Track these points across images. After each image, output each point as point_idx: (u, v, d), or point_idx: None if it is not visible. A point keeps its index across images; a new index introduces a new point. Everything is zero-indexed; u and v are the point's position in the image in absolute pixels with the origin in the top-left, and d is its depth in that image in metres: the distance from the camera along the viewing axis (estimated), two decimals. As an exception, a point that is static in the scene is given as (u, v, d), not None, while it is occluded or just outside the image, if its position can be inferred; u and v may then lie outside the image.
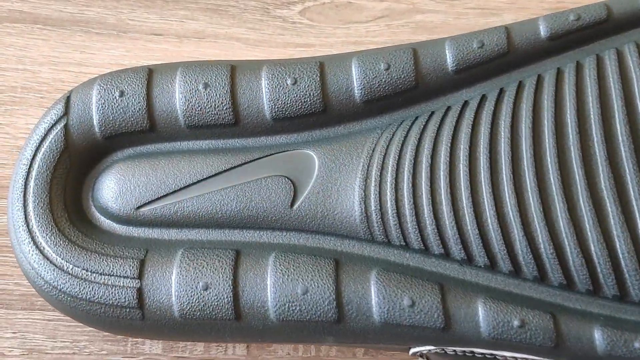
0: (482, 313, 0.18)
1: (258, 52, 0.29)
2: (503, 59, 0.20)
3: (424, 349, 0.20)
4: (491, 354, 0.19)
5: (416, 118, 0.21)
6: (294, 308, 0.19)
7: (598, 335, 0.18)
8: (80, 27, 0.28)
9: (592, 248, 0.18)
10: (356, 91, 0.21)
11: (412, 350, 0.20)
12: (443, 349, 0.19)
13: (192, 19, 0.29)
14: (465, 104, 0.20)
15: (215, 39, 0.28)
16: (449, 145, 0.20)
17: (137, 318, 0.20)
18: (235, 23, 0.29)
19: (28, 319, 0.24)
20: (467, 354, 0.19)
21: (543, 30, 0.20)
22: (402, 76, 0.21)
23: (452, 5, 0.31)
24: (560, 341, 0.18)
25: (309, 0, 0.30)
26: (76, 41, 0.27)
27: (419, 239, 0.19)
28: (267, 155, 0.21)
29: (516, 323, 0.18)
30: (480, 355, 0.19)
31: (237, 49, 0.29)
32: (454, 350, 0.19)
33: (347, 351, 0.25)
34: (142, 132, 0.22)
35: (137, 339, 0.24)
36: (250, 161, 0.21)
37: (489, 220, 0.19)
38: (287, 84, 0.21)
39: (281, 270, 0.19)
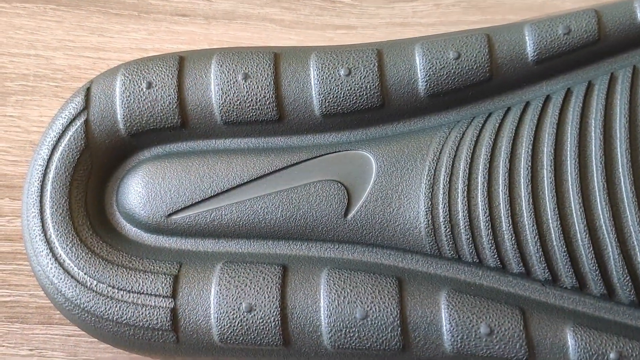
0: (572, 343, 0.16)
1: (294, 34, 0.26)
2: (593, 47, 0.18)
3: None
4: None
5: (489, 115, 0.18)
6: (352, 334, 0.17)
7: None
8: (97, 8, 0.25)
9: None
10: (420, 83, 0.18)
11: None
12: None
13: (221, -2, 0.26)
14: (548, 98, 0.18)
15: (247, 20, 0.26)
16: (530, 147, 0.17)
17: (171, 341, 0.18)
18: (269, 2, 0.26)
19: (46, 334, 0.21)
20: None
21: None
22: (475, 66, 0.18)
23: (505, -18, 0.28)
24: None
25: (349, -23, 0.27)
26: (93, 23, 0.25)
27: (495, 255, 0.17)
28: (316, 157, 0.19)
29: (612, 356, 0.16)
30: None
31: (271, 31, 0.26)
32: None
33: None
34: (173, 128, 0.19)
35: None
36: (297, 163, 0.19)
37: (578, 235, 0.16)
38: (340, 75, 0.18)
39: (336, 290, 0.17)
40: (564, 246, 0.16)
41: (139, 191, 0.19)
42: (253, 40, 0.26)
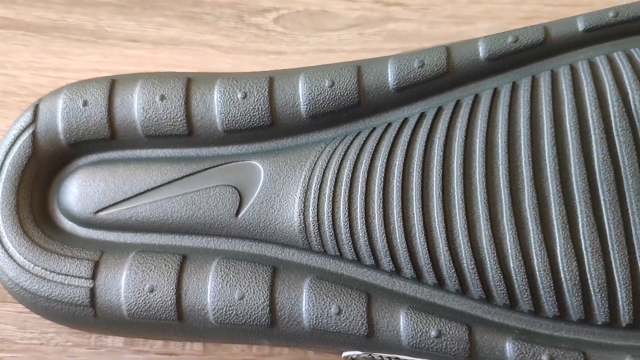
0: (403, 322, 0.19)
1: (230, 59, 0.30)
2: (442, 78, 0.21)
3: (354, 353, 0.21)
4: (417, 362, 0.20)
5: (358, 133, 0.22)
6: (230, 312, 0.20)
7: (509, 348, 0.19)
8: (60, 34, 0.29)
9: (511, 265, 0.19)
10: (302, 106, 0.22)
11: (344, 354, 0.21)
12: (370, 354, 0.20)
13: (169, 26, 0.30)
14: (405, 121, 0.21)
15: (190, 46, 0.30)
16: (385, 161, 0.21)
17: (90, 316, 0.21)
18: (210, 30, 0.30)
19: (0, 310, 0.25)
20: (392, 359, 0.20)
21: (482, 52, 0.21)
22: (346, 93, 0.21)
23: (425, 14, 0.32)
24: (473, 352, 0.19)
25: (283, 9, 0.31)
26: (56, 47, 0.29)
27: (352, 250, 0.21)
28: (217, 165, 0.22)
29: (433, 333, 0.19)
30: (406, 362, 0.20)
31: (210, 56, 0.30)
32: (381, 356, 0.20)
33: (299, 350, 0.26)
34: (104, 140, 0.23)
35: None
36: (202, 170, 0.22)
37: (417, 235, 0.20)
38: (238, 98, 0.22)
39: (221, 276, 0.21)
40: (406, 243, 0.20)
41: (74, 192, 0.23)
42: (194, 64, 0.29)
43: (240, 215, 0.22)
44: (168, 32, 0.30)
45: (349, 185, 0.21)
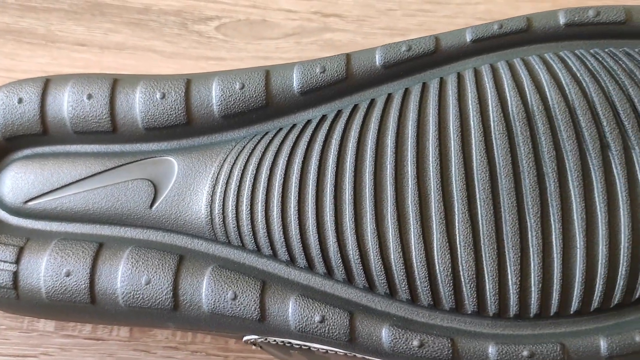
0: (292, 308, 0.21)
1: (172, 63, 0.31)
2: (342, 83, 0.23)
3: (252, 337, 0.22)
4: (306, 345, 0.21)
5: (266, 133, 0.23)
6: (137, 296, 0.22)
7: (385, 333, 0.20)
8: (12, 37, 0.31)
9: (392, 257, 0.21)
10: (215, 107, 0.23)
11: (245, 338, 0.22)
12: (266, 339, 0.22)
13: (116, 32, 0.32)
14: (308, 122, 0.23)
15: (135, 51, 0.31)
16: (287, 159, 0.22)
17: (13, 297, 0.23)
18: (155, 36, 0.32)
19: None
20: (286, 344, 0.22)
21: (378, 59, 0.22)
22: (254, 95, 0.23)
23: (361, 25, 0.33)
24: (353, 337, 0.20)
25: (225, 17, 0.33)
26: (7, 49, 0.31)
27: (253, 241, 0.22)
28: (137, 160, 0.24)
29: (317, 318, 0.21)
30: (297, 346, 0.22)
31: (154, 60, 0.31)
32: (275, 340, 0.22)
33: (220, 339, 0.27)
34: (36, 135, 0.25)
35: (34, 318, 0.27)
36: (122, 165, 0.24)
37: (310, 228, 0.21)
38: (157, 98, 0.24)
39: (131, 263, 0.22)
40: (300, 236, 0.21)
41: (7, 183, 0.25)
42: (138, 68, 0.31)
43: (154, 207, 0.23)
44: (115, 37, 0.31)
45: (252, 181, 0.22)
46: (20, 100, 0.25)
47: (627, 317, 0.20)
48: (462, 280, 0.20)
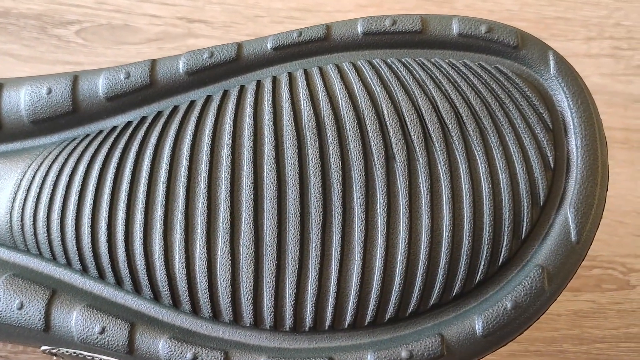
0: (75, 319, 0.20)
1: (28, 67, 0.31)
2: (147, 90, 0.22)
3: (46, 348, 0.22)
4: (93, 356, 0.21)
5: (73, 139, 0.23)
6: None
7: (162, 345, 0.20)
8: None
9: (176, 267, 0.20)
10: (24, 112, 0.23)
11: (42, 348, 0.22)
12: (60, 349, 0.21)
13: (-29, 34, 0.31)
14: (113, 129, 0.22)
15: (-11, 54, 0.31)
16: (86, 167, 0.22)
17: None
18: (12, 40, 0.31)
19: None
20: (79, 355, 0.21)
21: (182, 66, 0.22)
22: (61, 100, 0.23)
23: (227, 31, 0.33)
24: (132, 348, 0.20)
25: (86, 21, 0.32)
26: None
27: (48, 249, 0.22)
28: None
29: (97, 329, 0.20)
30: (89, 357, 0.21)
31: (10, 64, 0.31)
32: (68, 351, 0.21)
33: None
34: None
35: None
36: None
37: (101, 237, 0.21)
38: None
39: None
40: (91, 245, 0.21)
41: None
42: (-8, 71, 0.31)
43: (-42, 213, 0.23)
44: (-30, 40, 0.31)
45: (52, 188, 0.22)
46: None
47: (401, 332, 0.19)
48: (242, 292, 0.20)
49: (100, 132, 0.23)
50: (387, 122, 0.20)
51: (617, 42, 0.34)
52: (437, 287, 0.19)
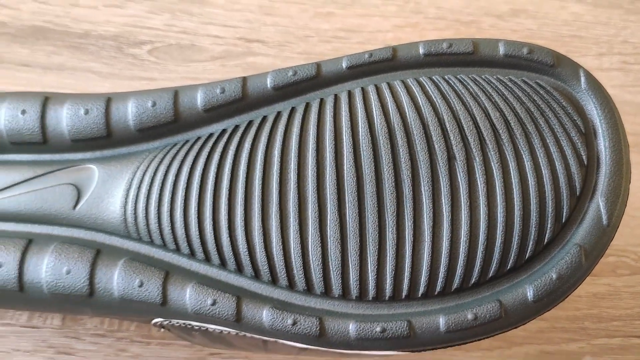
0: (189, 294, 0.24)
1: (108, 83, 0.35)
2: (239, 102, 0.26)
3: (158, 320, 0.26)
4: (203, 326, 0.25)
5: (174, 145, 0.27)
6: (59, 284, 0.25)
7: (266, 314, 0.24)
8: (-37, 58, 0.34)
9: (274, 249, 0.24)
10: (131, 122, 0.27)
11: (153, 321, 0.26)
12: (170, 321, 0.25)
13: (57, 54, 0.35)
14: (210, 136, 0.26)
15: (74, 71, 0.35)
16: (190, 167, 0.26)
17: None
18: (93, 58, 0.35)
19: None
20: (187, 326, 0.25)
21: (269, 82, 0.26)
22: (164, 112, 0.27)
23: (282, 50, 0.37)
24: (239, 317, 0.24)
25: (157, 42, 0.36)
26: (-43, 69, 0.34)
27: (159, 237, 0.26)
28: (63, 168, 0.27)
29: (209, 301, 0.24)
30: (197, 327, 0.25)
31: (91, 80, 0.35)
32: (178, 322, 0.25)
33: (143, 326, 0.31)
34: None
35: (-25, 308, 0.30)
36: (51, 172, 0.27)
37: (207, 225, 0.25)
38: (81, 114, 0.27)
39: (55, 256, 0.26)
40: (198, 232, 0.25)
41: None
42: (77, 87, 0.35)
43: (76, 209, 0.27)
44: (56, 59, 0.35)
45: (160, 186, 0.26)
46: None
47: (464, 300, 0.24)
48: (331, 268, 0.24)
49: (199, 138, 0.27)
50: (448, 128, 0.24)
51: (625, 57, 0.38)
52: (494, 263, 0.23)
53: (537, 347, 0.33)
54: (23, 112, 0.28)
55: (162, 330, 0.27)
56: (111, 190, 0.27)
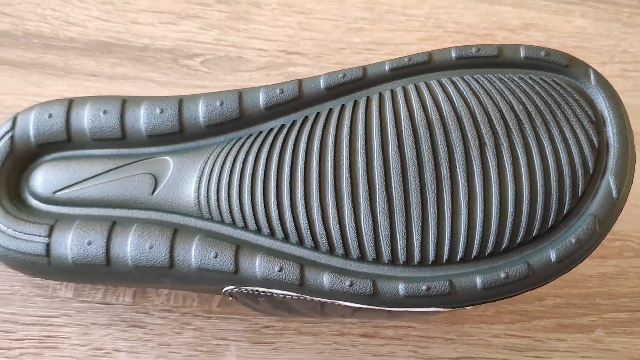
0: (259, 262, 0.28)
1: (166, 90, 0.39)
2: (296, 101, 0.31)
3: (229, 287, 0.29)
4: (269, 292, 0.29)
5: (240, 138, 0.31)
6: (143, 258, 0.29)
7: (326, 278, 0.28)
8: (37, 69, 0.39)
9: (331, 224, 0.28)
10: (201, 119, 0.31)
11: (224, 289, 0.30)
12: (240, 288, 0.29)
13: (121, 65, 0.39)
14: (270, 130, 0.31)
15: (136, 81, 0.39)
16: (254, 157, 0.30)
17: (45, 264, 0.30)
18: (152, 69, 0.40)
19: (-19, 269, 0.34)
20: (254, 292, 0.29)
21: (322, 83, 0.30)
22: (230, 110, 0.31)
23: (319, 60, 0.41)
24: (303, 282, 0.28)
25: (208, 54, 0.41)
26: (33, 79, 0.38)
27: (229, 216, 0.30)
28: (141, 160, 0.32)
29: (277, 269, 0.28)
30: (263, 293, 0.29)
31: (152, 88, 0.39)
32: (247, 289, 0.29)
33: (205, 302, 0.35)
34: (62, 142, 0.32)
35: (56, 287, 0.34)
36: (130, 163, 0.32)
37: (272, 205, 0.29)
38: (157, 113, 0.31)
39: (138, 234, 0.30)
40: (264, 210, 0.29)
41: (39, 179, 0.32)
42: (140, 94, 0.39)
43: (154, 194, 0.31)
44: (120, 70, 0.39)
45: (229, 172, 0.30)
46: (50, 115, 0.32)
47: (497, 263, 0.28)
48: (381, 238, 0.28)
49: (261, 132, 0.31)
50: (478, 119, 0.29)
51: (625, 65, 0.43)
52: (522, 231, 0.27)
53: (554, 320, 0.37)
54: (105, 112, 0.32)
55: (231, 298, 0.30)
56: (185, 177, 0.31)
